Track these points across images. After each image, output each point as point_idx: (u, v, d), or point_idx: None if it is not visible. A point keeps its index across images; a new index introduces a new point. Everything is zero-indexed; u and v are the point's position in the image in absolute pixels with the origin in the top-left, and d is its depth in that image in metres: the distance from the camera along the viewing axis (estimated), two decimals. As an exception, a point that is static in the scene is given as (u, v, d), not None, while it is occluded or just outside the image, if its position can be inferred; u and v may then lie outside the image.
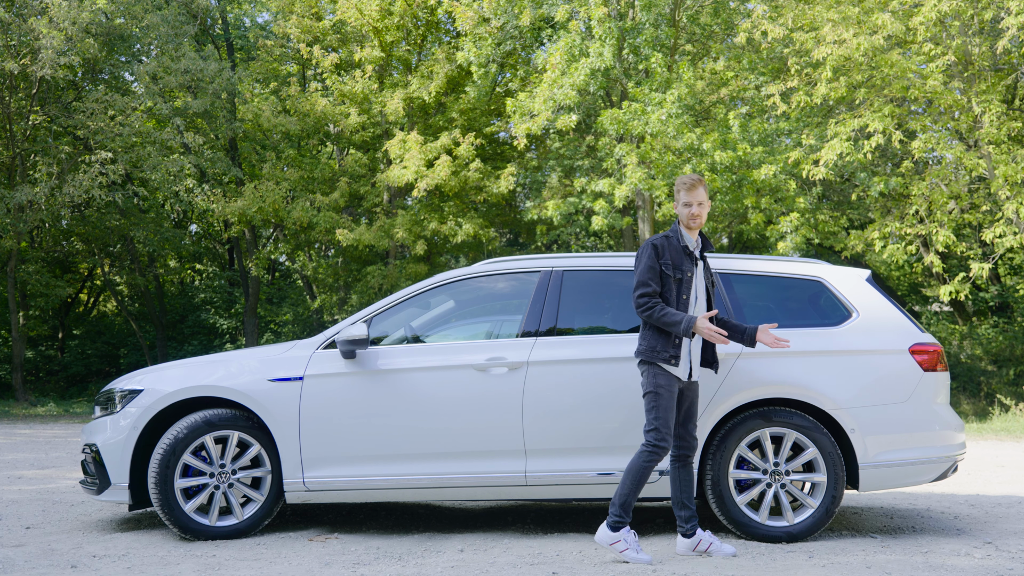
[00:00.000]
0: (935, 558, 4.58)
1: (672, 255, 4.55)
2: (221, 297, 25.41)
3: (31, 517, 5.87)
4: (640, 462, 4.43)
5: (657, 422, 4.44)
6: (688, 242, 4.61)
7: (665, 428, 4.44)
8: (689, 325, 4.42)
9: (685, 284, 4.56)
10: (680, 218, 4.64)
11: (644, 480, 4.45)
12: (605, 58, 15.56)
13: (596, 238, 23.24)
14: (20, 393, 19.61)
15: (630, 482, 4.44)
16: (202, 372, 5.28)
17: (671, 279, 4.52)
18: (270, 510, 5.10)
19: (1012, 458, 9.78)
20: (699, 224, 4.60)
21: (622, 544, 4.40)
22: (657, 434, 4.43)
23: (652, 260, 4.51)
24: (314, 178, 20.48)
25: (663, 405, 4.45)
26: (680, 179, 4.63)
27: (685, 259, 4.58)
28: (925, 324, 21.39)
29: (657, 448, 4.42)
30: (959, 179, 14.81)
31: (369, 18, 19.03)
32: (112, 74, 20.89)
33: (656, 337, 4.50)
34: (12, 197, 17.72)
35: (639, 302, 4.48)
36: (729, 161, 15.02)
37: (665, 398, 4.45)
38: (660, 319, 4.44)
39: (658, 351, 4.47)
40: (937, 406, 5.14)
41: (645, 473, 4.44)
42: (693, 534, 4.59)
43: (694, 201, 4.58)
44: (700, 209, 4.58)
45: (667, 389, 4.46)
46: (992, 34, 14.77)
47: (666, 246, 4.56)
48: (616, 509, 4.44)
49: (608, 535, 4.44)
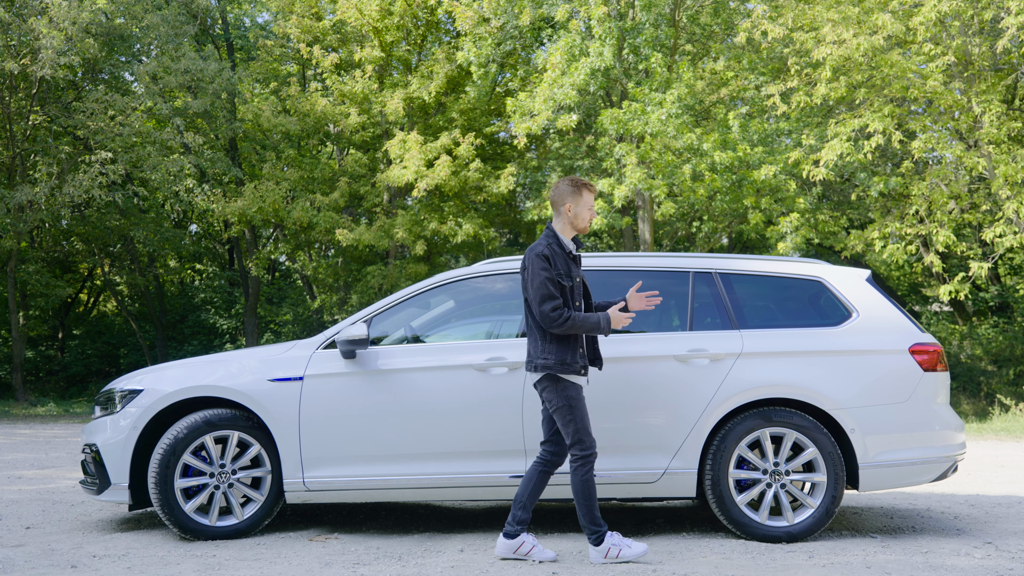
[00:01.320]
0: (935, 558, 4.58)
1: (560, 263, 4.47)
2: (221, 297, 25.41)
3: (31, 517, 5.87)
4: (579, 479, 4.40)
5: (579, 433, 4.39)
6: (570, 247, 4.55)
7: (587, 436, 4.40)
8: (608, 322, 4.40)
9: (576, 290, 4.51)
10: (576, 221, 4.53)
11: (591, 492, 4.41)
12: (605, 58, 15.56)
13: (596, 238, 23.24)
14: (20, 393, 19.61)
15: (583, 500, 4.41)
16: (202, 372, 5.28)
17: (567, 288, 4.45)
18: (270, 510, 5.10)
19: (1012, 458, 9.78)
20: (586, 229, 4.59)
21: (614, 549, 4.39)
22: (581, 445, 4.39)
23: (549, 271, 4.38)
24: (314, 178, 20.48)
25: (579, 415, 4.40)
26: (580, 182, 4.54)
27: (571, 265, 4.53)
28: (925, 324, 21.39)
29: (586, 457, 4.39)
30: (959, 179, 14.81)
31: (369, 18, 19.03)
32: (112, 74, 20.89)
33: (563, 349, 4.40)
34: (12, 197, 17.72)
35: (552, 316, 4.32)
36: (729, 161, 15.02)
37: (579, 408, 4.41)
38: (580, 326, 4.37)
39: (569, 363, 4.39)
40: (937, 406, 5.14)
41: (589, 485, 4.40)
42: (517, 536, 4.50)
43: (593, 205, 4.58)
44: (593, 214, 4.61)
45: (578, 399, 4.43)
46: (992, 34, 14.77)
47: (554, 255, 4.46)
48: (589, 528, 4.43)
49: (598, 551, 4.42)
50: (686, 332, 5.18)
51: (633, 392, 5.03)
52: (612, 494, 5.04)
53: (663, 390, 5.02)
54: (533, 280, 4.40)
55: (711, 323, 5.22)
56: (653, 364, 5.07)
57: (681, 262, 5.41)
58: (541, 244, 4.47)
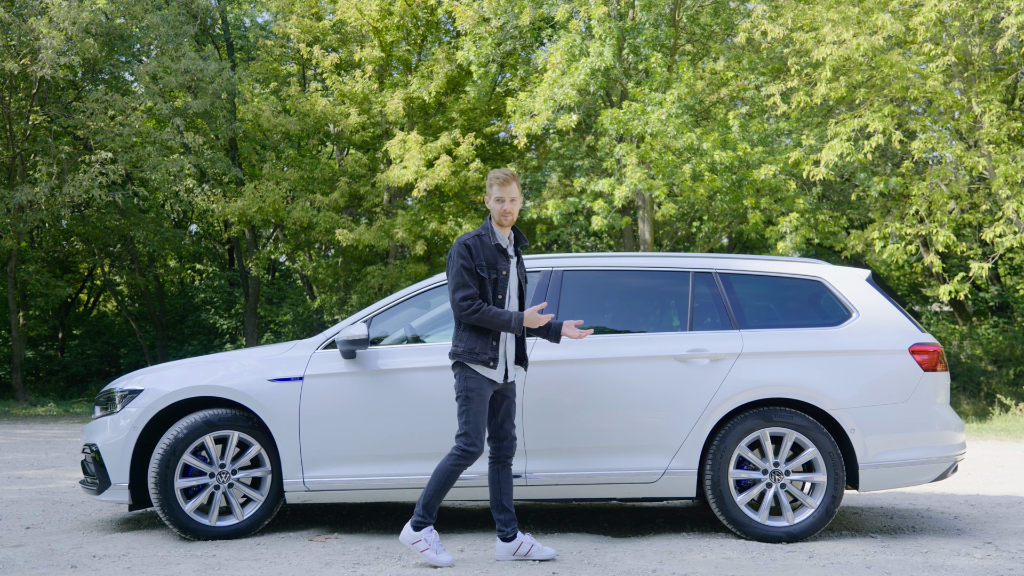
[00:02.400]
0: (935, 558, 4.58)
1: (486, 254, 4.46)
2: (221, 297, 25.41)
3: (31, 517, 5.87)
4: (448, 465, 4.38)
5: (468, 426, 4.38)
6: (501, 240, 4.52)
7: (476, 433, 4.38)
8: (520, 321, 4.38)
9: (500, 283, 4.48)
10: (492, 214, 4.53)
11: (450, 483, 4.40)
12: (605, 58, 15.56)
13: (596, 238, 23.25)
14: (20, 393, 19.61)
15: (435, 484, 4.39)
16: (202, 372, 5.28)
17: (486, 280, 4.43)
18: (270, 510, 5.10)
19: (1012, 458, 9.78)
20: (510, 220, 4.53)
21: (423, 544, 4.36)
22: (467, 439, 4.37)
23: (467, 261, 4.40)
24: (314, 178, 20.48)
25: (475, 409, 4.38)
26: (493, 173, 4.52)
27: (499, 257, 4.50)
28: (925, 324, 21.39)
29: (467, 453, 4.37)
30: (959, 179, 14.81)
31: (369, 18, 19.03)
32: (112, 74, 20.89)
33: (475, 339, 4.41)
34: (12, 197, 17.72)
35: (462, 305, 4.36)
36: (729, 161, 15.02)
37: (476, 402, 4.39)
38: (490, 320, 4.36)
39: (477, 353, 4.38)
40: (937, 406, 5.14)
41: (451, 476, 4.39)
42: (513, 537, 4.49)
43: (507, 197, 4.49)
44: (512, 206, 4.51)
45: (478, 392, 4.40)
46: (992, 34, 14.77)
47: (479, 246, 4.45)
48: (419, 509, 4.41)
49: (410, 534, 4.40)
50: (686, 332, 5.18)
51: (633, 392, 5.03)
52: (612, 494, 5.04)
53: (663, 390, 5.02)
54: (451, 268, 4.45)
55: (711, 323, 5.22)
56: (653, 364, 5.06)
57: (681, 262, 5.41)
58: (470, 234, 4.51)
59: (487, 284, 4.43)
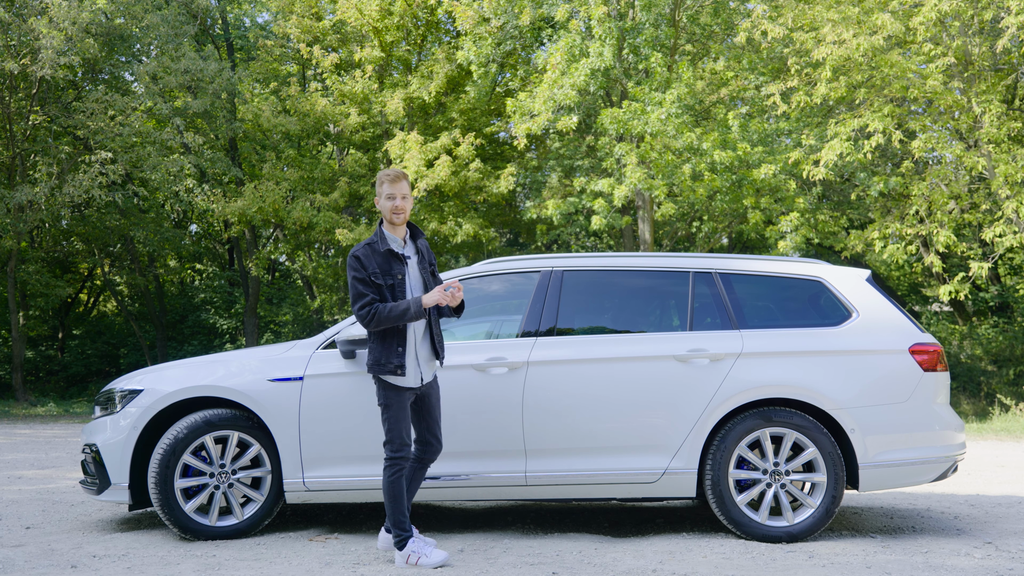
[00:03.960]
0: (935, 558, 4.58)
1: (378, 262, 4.44)
2: (221, 297, 25.40)
3: (31, 517, 5.87)
4: (385, 479, 4.42)
5: (390, 434, 4.42)
6: (393, 244, 4.51)
7: (398, 439, 4.41)
8: (418, 306, 4.36)
9: (397, 288, 4.46)
10: (383, 213, 4.52)
11: (400, 494, 4.42)
12: (605, 58, 15.56)
13: (596, 238, 23.25)
14: (20, 393, 19.61)
15: (388, 501, 4.42)
16: (202, 372, 5.28)
17: (383, 287, 4.43)
18: (270, 510, 5.10)
19: (1012, 458, 9.78)
20: (402, 219, 4.49)
21: (414, 556, 4.37)
22: (392, 446, 4.41)
23: (359, 272, 4.40)
24: (314, 178, 20.48)
25: (394, 416, 4.42)
26: (382, 172, 4.51)
27: (393, 263, 4.48)
28: (925, 324, 21.39)
29: (395, 459, 4.40)
30: (959, 179, 14.81)
31: (369, 18, 19.03)
32: (112, 74, 20.89)
33: (380, 348, 4.42)
34: (12, 197, 17.72)
35: (361, 314, 4.36)
36: (729, 161, 15.02)
37: (395, 409, 4.42)
38: (388, 317, 4.35)
39: (383, 364, 4.40)
40: (937, 406, 5.14)
41: (395, 487, 4.40)
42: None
43: (398, 193, 4.46)
44: (404, 203, 4.47)
45: (396, 400, 4.42)
46: (992, 34, 14.77)
47: (369, 255, 4.44)
48: (393, 530, 4.43)
49: (400, 556, 4.42)
50: (686, 332, 5.18)
51: (633, 392, 5.03)
52: (612, 494, 5.04)
53: (663, 390, 5.02)
54: (349, 282, 4.46)
55: (711, 323, 5.22)
56: (653, 364, 5.07)
57: (681, 262, 5.41)
58: (361, 244, 4.50)
59: (384, 291, 4.44)
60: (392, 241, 4.51)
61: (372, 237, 4.53)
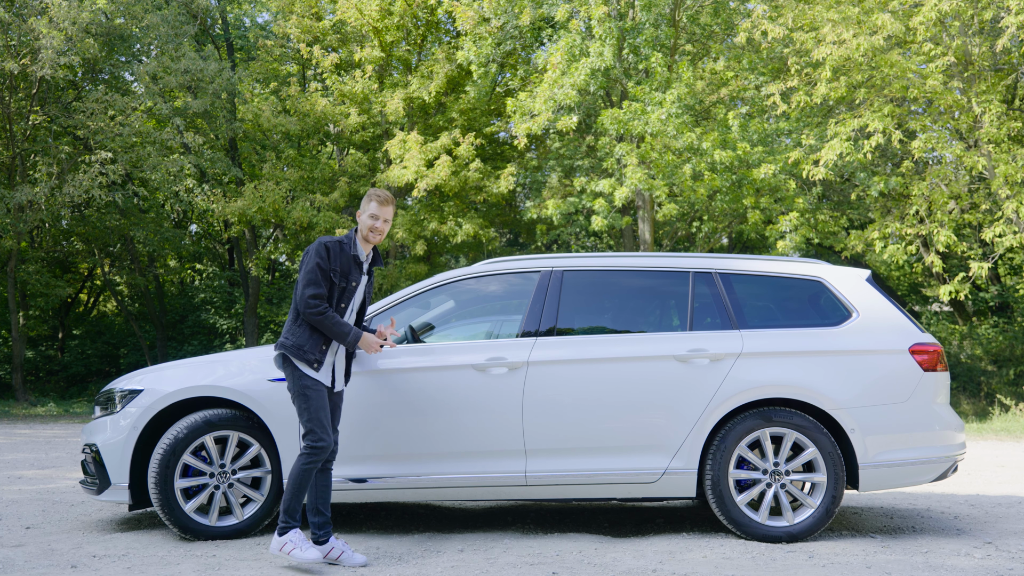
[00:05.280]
0: (935, 558, 4.58)
1: (342, 261, 4.49)
2: (221, 297, 25.40)
3: (31, 517, 5.87)
4: (299, 466, 4.41)
5: (311, 423, 4.41)
6: (360, 253, 4.56)
7: (320, 428, 4.41)
8: (356, 339, 4.45)
9: (347, 293, 4.52)
10: (360, 228, 4.57)
11: (305, 484, 4.42)
12: (605, 58, 15.56)
13: (596, 238, 23.25)
14: (20, 393, 19.61)
15: (291, 487, 4.42)
16: (202, 372, 5.27)
17: (336, 286, 4.46)
18: (270, 510, 5.10)
19: (1012, 458, 9.78)
20: (377, 240, 4.57)
21: (289, 545, 4.37)
22: (313, 435, 4.41)
23: (324, 262, 4.43)
24: (314, 178, 20.48)
25: (313, 405, 4.42)
26: (374, 191, 4.55)
27: (354, 269, 4.53)
28: (925, 324, 21.39)
29: (315, 449, 4.40)
30: (959, 179, 14.82)
31: (369, 18, 19.03)
32: (112, 74, 20.89)
33: (306, 337, 4.44)
34: (12, 197, 17.72)
35: (309, 303, 4.39)
36: (729, 161, 15.02)
37: (314, 398, 4.43)
38: (330, 326, 4.40)
39: (305, 351, 4.43)
40: (937, 406, 5.14)
41: (305, 477, 4.41)
42: (326, 541, 4.47)
43: (381, 216, 4.54)
44: (383, 226, 4.56)
45: (314, 389, 4.44)
46: (992, 34, 14.77)
47: (338, 251, 4.49)
48: (282, 515, 4.43)
49: (277, 540, 4.42)
50: (686, 332, 5.18)
51: (633, 392, 5.03)
52: (612, 494, 5.04)
53: (663, 390, 5.02)
54: (306, 263, 4.48)
55: (711, 323, 5.22)
56: (653, 364, 5.06)
57: (681, 262, 5.41)
58: (332, 237, 4.55)
59: (335, 290, 4.48)
60: (360, 251, 4.59)
61: (344, 238, 4.57)
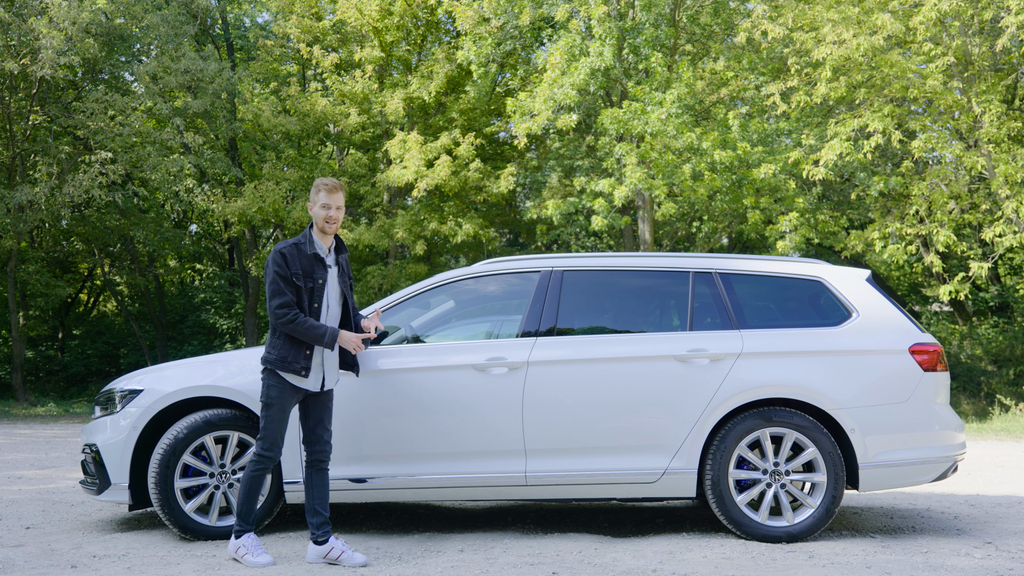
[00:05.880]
0: (935, 558, 4.58)
1: (302, 263, 4.48)
2: (221, 297, 25.41)
3: (31, 517, 5.87)
4: (249, 471, 4.47)
5: (266, 432, 4.46)
6: (319, 249, 4.55)
7: (272, 439, 4.45)
8: (333, 338, 4.46)
9: (316, 292, 4.51)
10: (315, 220, 4.56)
11: (256, 489, 4.47)
12: (605, 58, 15.56)
13: (596, 238, 23.24)
14: (20, 393, 19.61)
15: (243, 492, 4.47)
16: (202, 372, 5.27)
17: (302, 288, 4.47)
18: (270, 510, 5.10)
19: (1012, 458, 9.78)
20: (334, 229, 4.56)
21: (243, 549, 4.43)
22: (264, 443, 4.45)
23: (282, 269, 4.43)
24: (314, 178, 20.46)
25: (274, 417, 4.45)
26: (321, 180, 4.54)
27: (316, 266, 4.52)
28: (925, 324, 21.39)
29: (263, 458, 4.45)
30: (959, 179, 14.81)
31: (369, 18, 19.03)
32: (112, 74, 20.89)
33: (288, 347, 4.46)
34: (12, 197, 17.72)
35: (278, 313, 4.41)
36: (729, 161, 15.02)
37: (276, 410, 4.45)
38: (304, 332, 4.41)
39: (289, 362, 4.44)
40: (937, 406, 5.14)
41: (255, 482, 4.46)
42: (325, 541, 4.48)
43: (333, 204, 4.52)
44: (337, 213, 4.54)
45: (279, 401, 4.45)
46: (992, 34, 14.77)
47: (295, 254, 4.48)
48: (236, 520, 4.48)
49: (232, 543, 4.48)
50: (686, 332, 5.18)
51: (633, 392, 5.03)
52: (612, 494, 5.04)
53: (663, 390, 5.02)
54: (267, 275, 4.50)
55: (711, 323, 5.22)
56: (653, 364, 5.06)
57: (681, 262, 5.41)
58: (287, 242, 4.55)
59: (303, 293, 4.48)
60: (319, 247, 4.56)
61: (299, 238, 4.57)
